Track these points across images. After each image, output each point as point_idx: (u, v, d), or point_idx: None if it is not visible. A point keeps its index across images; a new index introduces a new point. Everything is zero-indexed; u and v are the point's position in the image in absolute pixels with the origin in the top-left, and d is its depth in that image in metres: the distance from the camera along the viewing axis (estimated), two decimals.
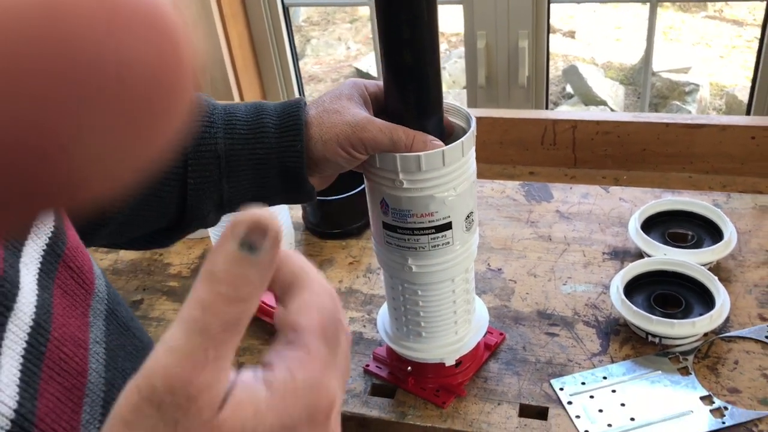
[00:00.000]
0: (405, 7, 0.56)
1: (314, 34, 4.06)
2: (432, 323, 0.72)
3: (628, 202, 0.99)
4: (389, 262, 0.69)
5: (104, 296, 0.47)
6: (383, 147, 0.60)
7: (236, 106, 0.62)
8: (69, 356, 0.39)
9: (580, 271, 0.89)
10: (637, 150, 1.16)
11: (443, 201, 0.63)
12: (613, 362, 0.77)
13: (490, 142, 1.24)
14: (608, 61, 3.37)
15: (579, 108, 3.05)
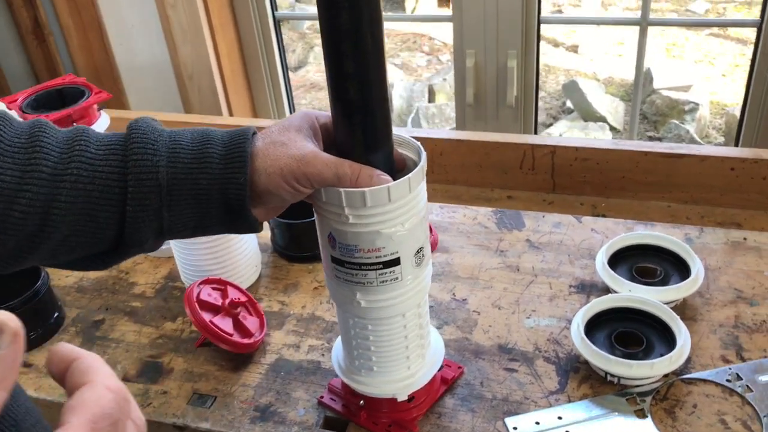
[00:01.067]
0: (348, 40, 0.55)
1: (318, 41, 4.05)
2: (383, 358, 0.70)
3: (600, 234, 0.98)
4: (339, 296, 0.68)
5: None
6: (328, 182, 0.59)
7: (182, 133, 0.61)
8: None
9: (545, 304, 0.88)
10: (616, 177, 1.15)
11: (390, 237, 0.62)
12: (570, 401, 0.76)
13: (469, 164, 1.22)
14: (609, 77, 3.35)
15: (577, 124, 3.03)
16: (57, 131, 0.59)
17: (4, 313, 0.32)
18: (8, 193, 0.54)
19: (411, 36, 3.98)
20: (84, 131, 0.60)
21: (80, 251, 0.60)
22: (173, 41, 1.65)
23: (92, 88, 1.02)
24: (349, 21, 0.54)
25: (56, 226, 0.56)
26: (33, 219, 0.56)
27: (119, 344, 0.89)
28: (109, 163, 0.58)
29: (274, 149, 0.59)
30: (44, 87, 1.03)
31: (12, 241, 0.56)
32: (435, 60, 3.79)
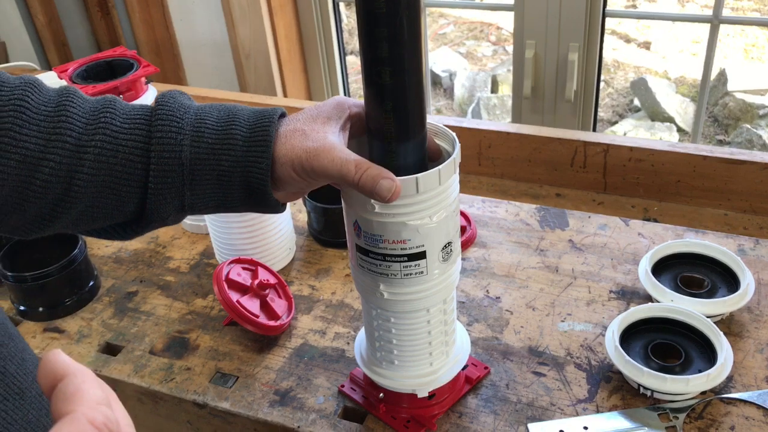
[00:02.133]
0: (384, 24, 0.53)
1: None
2: (405, 352, 0.69)
3: (647, 239, 0.93)
4: (362, 286, 0.66)
5: None
6: (332, 178, 0.57)
7: (209, 111, 0.60)
8: None
9: (582, 308, 0.84)
10: (671, 181, 1.09)
11: (417, 229, 0.60)
12: (599, 411, 0.72)
13: (519, 159, 1.19)
14: (681, 76, 3.23)
15: (644, 123, 2.93)
16: (85, 100, 0.59)
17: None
18: (31, 160, 0.54)
19: (478, 24, 3.92)
20: (112, 102, 0.59)
21: (101, 222, 0.60)
22: (232, 20, 1.65)
23: (140, 61, 1.02)
24: (385, 4, 0.52)
25: (78, 196, 0.56)
26: (54, 188, 0.56)
27: (149, 317, 0.89)
28: (133, 137, 0.57)
29: (292, 138, 0.58)
30: (95, 58, 1.04)
31: (33, 209, 0.56)
32: (501, 50, 3.73)
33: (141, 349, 0.85)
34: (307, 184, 0.58)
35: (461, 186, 1.18)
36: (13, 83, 0.55)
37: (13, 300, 0.91)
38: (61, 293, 0.90)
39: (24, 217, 0.57)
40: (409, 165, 0.59)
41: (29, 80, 0.57)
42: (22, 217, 0.57)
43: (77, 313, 0.91)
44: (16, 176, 0.54)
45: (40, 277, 0.88)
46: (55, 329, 0.89)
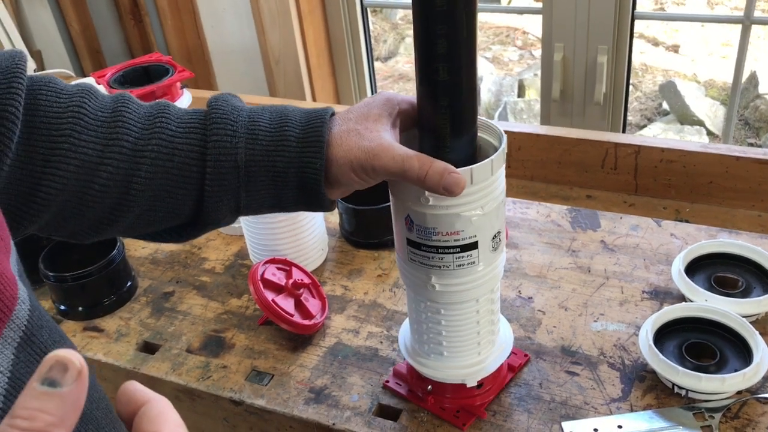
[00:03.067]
0: (442, 21, 0.54)
1: (409, 32, 4.05)
2: (454, 342, 0.70)
3: (680, 239, 0.93)
4: (412, 279, 0.67)
5: (23, 323, 0.45)
6: (395, 176, 0.58)
7: (261, 112, 0.62)
8: None
9: (615, 308, 0.84)
10: (703, 182, 1.09)
11: (469, 220, 0.60)
12: (633, 410, 0.72)
13: (548, 161, 1.19)
14: (711, 79, 3.20)
15: (673, 126, 2.91)
16: (140, 106, 0.60)
17: (69, 351, 0.32)
18: (90, 166, 0.56)
19: (504, 29, 3.92)
20: (166, 107, 0.61)
21: (158, 225, 0.62)
22: (262, 26, 1.68)
23: (176, 67, 1.04)
24: (446, 2, 0.53)
25: (135, 200, 0.58)
26: (113, 193, 0.57)
27: (186, 317, 0.91)
28: (189, 141, 0.59)
29: (347, 138, 0.59)
30: (132, 64, 1.07)
31: (91, 213, 0.58)
32: (527, 54, 3.72)
33: (178, 348, 0.86)
34: (363, 183, 0.59)
35: None
36: (70, 90, 0.57)
37: (53, 300, 0.94)
38: (101, 293, 0.92)
39: (82, 222, 0.59)
40: (461, 159, 0.60)
41: (85, 87, 0.58)
42: (80, 222, 0.58)
43: (115, 313, 0.93)
44: (76, 181, 0.55)
45: (80, 278, 0.90)
46: (94, 328, 0.91)
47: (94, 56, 1.88)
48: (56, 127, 0.55)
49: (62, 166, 0.54)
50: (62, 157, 0.54)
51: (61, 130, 0.55)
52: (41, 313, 0.49)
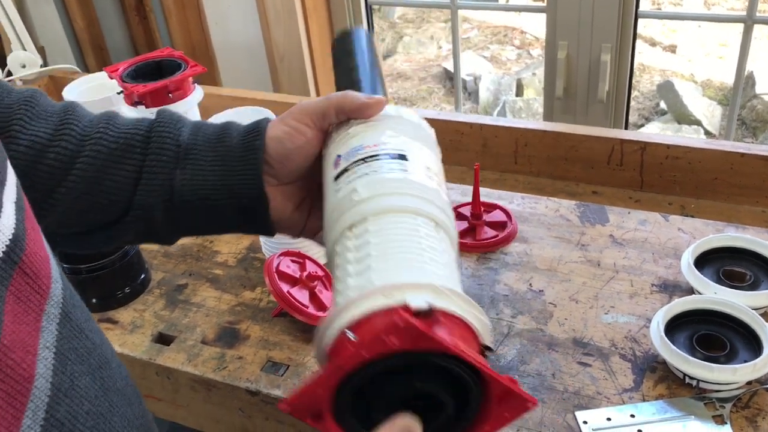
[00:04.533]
0: None
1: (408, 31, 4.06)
2: None
3: (687, 234, 0.94)
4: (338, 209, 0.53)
5: (59, 300, 0.47)
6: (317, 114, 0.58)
7: (207, 122, 0.64)
8: (16, 362, 0.39)
9: (625, 301, 0.85)
10: (708, 178, 1.10)
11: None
12: (645, 400, 0.74)
13: (554, 157, 1.20)
14: (708, 79, 3.22)
15: (671, 126, 2.93)
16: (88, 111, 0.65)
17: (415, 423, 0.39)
18: (39, 147, 0.58)
19: (502, 29, 3.93)
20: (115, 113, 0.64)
21: (92, 215, 0.61)
22: (267, 22, 1.68)
23: (188, 62, 1.05)
24: None
25: (76, 181, 0.59)
26: (57, 175, 0.59)
27: (200, 308, 0.92)
28: (136, 128, 0.61)
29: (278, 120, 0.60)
30: (143, 59, 1.07)
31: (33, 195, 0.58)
32: (525, 54, 3.74)
33: (193, 339, 0.87)
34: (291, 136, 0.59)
35: (499, 185, 1.19)
36: (20, 91, 0.61)
37: None
38: (115, 285, 0.93)
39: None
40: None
41: (35, 90, 0.63)
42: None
43: (130, 305, 0.94)
44: (24, 161, 0.57)
45: (95, 270, 0.91)
46: (108, 320, 0.92)
47: (98, 53, 1.89)
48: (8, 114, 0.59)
49: (12, 146, 0.57)
50: (12, 138, 0.57)
51: (12, 115, 0.58)
52: (72, 292, 0.51)
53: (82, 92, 1.15)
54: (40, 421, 0.40)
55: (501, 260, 0.94)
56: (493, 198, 1.04)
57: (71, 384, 0.44)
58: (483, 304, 0.87)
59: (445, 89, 3.55)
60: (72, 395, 0.43)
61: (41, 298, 0.44)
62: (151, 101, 1.01)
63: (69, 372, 0.44)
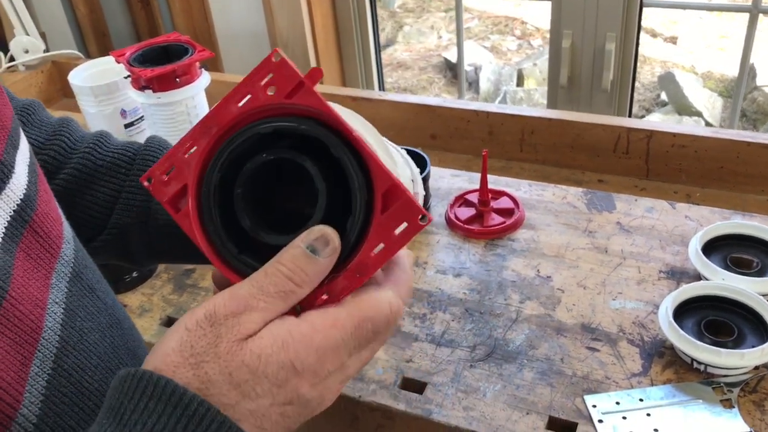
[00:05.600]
0: None
1: (408, 20, 4.05)
2: None
3: (694, 221, 0.95)
4: None
5: (71, 260, 0.49)
6: None
7: None
8: (24, 314, 0.41)
9: (633, 287, 0.86)
10: (713, 167, 1.11)
11: None
12: (653, 385, 0.74)
13: (560, 144, 1.20)
14: (708, 71, 3.22)
15: (672, 117, 2.93)
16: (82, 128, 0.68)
17: (330, 228, 0.39)
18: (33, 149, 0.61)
19: (503, 19, 3.92)
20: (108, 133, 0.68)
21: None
22: (271, 9, 1.68)
23: (195, 47, 1.05)
24: None
25: (56, 191, 0.61)
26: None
27: (208, 293, 0.92)
28: (124, 149, 0.65)
29: None
30: (150, 43, 1.07)
31: None
32: (526, 44, 3.73)
33: None
34: None
35: (505, 172, 1.19)
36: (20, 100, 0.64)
37: None
38: (122, 269, 0.93)
39: None
40: None
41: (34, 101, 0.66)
42: None
43: (138, 289, 0.94)
44: None
45: None
46: None
47: (99, 39, 1.88)
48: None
49: None
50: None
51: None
52: (84, 254, 0.52)
53: (87, 77, 1.15)
54: (48, 370, 0.42)
55: (509, 247, 0.94)
56: (500, 185, 1.05)
57: (80, 338, 0.46)
58: (491, 289, 0.88)
59: (445, 79, 3.55)
60: (80, 349, 0.46)
61: (51, 257, 0.46)
62: (158, 86, 1.01)
63: (78, 327, 0.46)
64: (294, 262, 0.38)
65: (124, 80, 1.03)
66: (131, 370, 0.36)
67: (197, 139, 0.40)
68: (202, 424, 0.34)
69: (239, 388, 0.36)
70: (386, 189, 0.39)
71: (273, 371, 0.37)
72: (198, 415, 0.34)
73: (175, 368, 0.36)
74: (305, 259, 0.38)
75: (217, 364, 0.36)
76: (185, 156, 0.40)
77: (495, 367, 0.78)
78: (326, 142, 0.39)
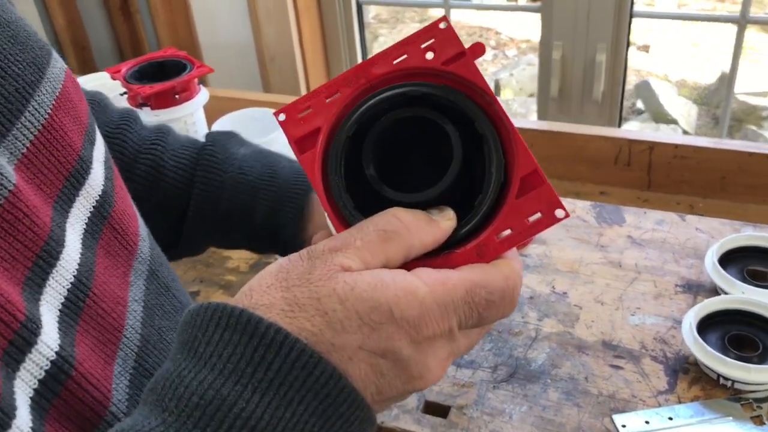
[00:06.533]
0: None
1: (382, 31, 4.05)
2: None
3: (705, 233, 0.94)
4: None
5: (147, 258, 0.49)
6: None
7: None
8: (107, 312, 0.41)
9: (650, 302, 0.85)
10: (715, 178, 1.11)
11: None
12: (681, 402, 0.73)
13: (561, 157, 1.20)
14: (682, 79, 3.27)
15: (648, 125, 2.96)
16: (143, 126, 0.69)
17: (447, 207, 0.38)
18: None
19: (477, 29, 3.94)
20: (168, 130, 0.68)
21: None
22: (258, 22, 1.65)
23: (194, 62, 1.02)
24: None
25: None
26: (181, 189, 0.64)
27: None
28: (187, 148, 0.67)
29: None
30: (146, 59, 1.04)
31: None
32: (501, 54, 3.75)
33: None
34: None
35: None
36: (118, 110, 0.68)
37: None
38: None
39: None
40: None
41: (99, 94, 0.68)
42: None
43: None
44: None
45: None
46: None
47: (79, 52, 1.83)
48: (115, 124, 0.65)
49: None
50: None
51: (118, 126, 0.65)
52: (159, 252, 0.51)
53: None
54: (130, 370, 0.42)
55: (522, 262, 0.93)
56: None
57: (159, 337, 0.45)
58: None
59: None
60: (160, 348, 0.45)
61: (129, 254, 0.46)
62: (156, 103, 0.98)
63: (157, 326, 0.46)
64: (401, 212, 0.37)
65: (120, 97, 1.00)
66: (203, 304, 0.34)
67: (342, 87, 0.39)
68: (281, 352, 0.32)
69: (326, 316, 0.33)
70: (527, 173, 0.38)
71: (365, 309, 0.34)
72: (276, 342, 0.32)
73: (267, 288, 0.35)
74: (412, 213, 0.37)
75: (307, 288, 0.34)
76: (326, 100, 0.39)
77: (519, 388, 0.76)
78: (472, 115, 0.38)
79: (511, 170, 0.38)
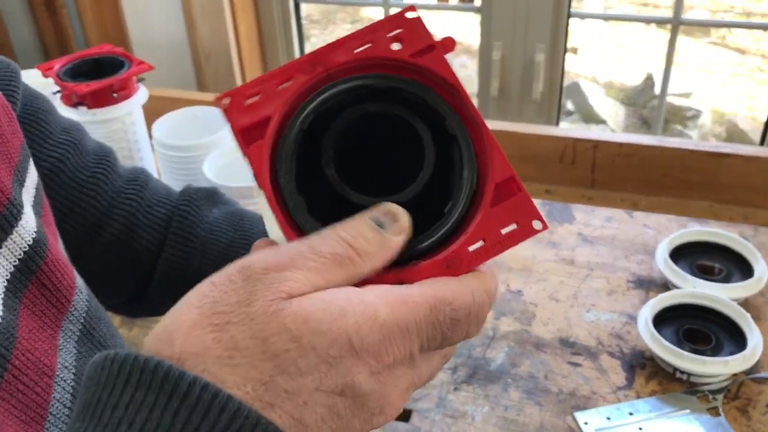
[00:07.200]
0: None
1: (314, 32, 4.01)
2: None
3: (653, 230, 0.96)
4: None
5: (81, 314, 0.42)
6: None
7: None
8: (29, 387, 0.35)
9: (604, 298, 0.86)
10: (658, 175, 1.13)
11: None
12: (639, 397, 0.74)
13: (507, 156, 1.20)
14: (609, 81, 3.35)
15: (578, 126, 3.03)
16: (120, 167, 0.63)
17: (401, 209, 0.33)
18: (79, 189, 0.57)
19: None
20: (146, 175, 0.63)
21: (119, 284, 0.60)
22: (192, 19, 1.60)
23: (132, 59, 0.98)
24: None
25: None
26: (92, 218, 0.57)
27: None
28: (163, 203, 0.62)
29: None
30: (81, 56, 0.99)
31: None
32: None
33: None
34: None
35: None
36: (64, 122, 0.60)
37: None
38: None
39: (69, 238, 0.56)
40: None
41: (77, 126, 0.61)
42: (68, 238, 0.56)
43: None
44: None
45: None
46: None
47: None
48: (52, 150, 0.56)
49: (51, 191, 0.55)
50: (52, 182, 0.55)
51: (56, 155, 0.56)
52: (97, 304, 0.46)
53: None
54: None
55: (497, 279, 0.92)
56: None
57: None
58: None
59: None
60: None
61: (59, 313, 0.40)
62: (93, 102, 0.93)
63: None
64: (356, 228, 0.31)
65: (54, 95, 0.95)
66: (109, 353, 0.27)
67: (296, 74, 0.34)
68: (209, 415, 0.25)
69: (276, 359, 0.27)
70: (503, 180, 0.35)
71: (323, 344, 0.28)
72: (203, 403, 0.26)
73: (190, 328, 0.27)
74: (369, 228, 0.31)
75: (247, 326, 0.27)
76: (278, 87, 0.34)
77: (480, 389, 0.75)
78: (444, 114, 0.34)
79: (485, 176, 0.35)
